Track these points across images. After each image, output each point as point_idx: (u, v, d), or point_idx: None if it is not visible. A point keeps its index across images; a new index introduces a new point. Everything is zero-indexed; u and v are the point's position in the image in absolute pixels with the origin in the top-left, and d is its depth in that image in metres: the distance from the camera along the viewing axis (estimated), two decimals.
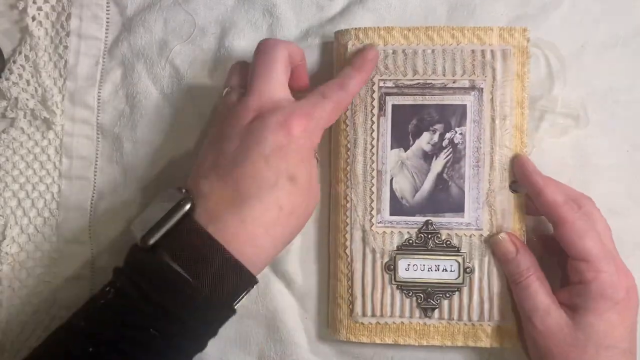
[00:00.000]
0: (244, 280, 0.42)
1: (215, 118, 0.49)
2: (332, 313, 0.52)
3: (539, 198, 0.47)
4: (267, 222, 0.42)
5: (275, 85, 0.45)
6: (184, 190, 0.44)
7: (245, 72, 0.48)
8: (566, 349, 0.44)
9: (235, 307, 0.43)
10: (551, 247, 0.48)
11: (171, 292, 0.40)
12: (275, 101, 0.45)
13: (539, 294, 0.46)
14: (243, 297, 0.43)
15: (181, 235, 0.41)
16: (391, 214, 0.50)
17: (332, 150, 0.53)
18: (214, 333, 0.44)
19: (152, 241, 0.41)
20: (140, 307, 0.40)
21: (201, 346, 0.43)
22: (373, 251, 0.50)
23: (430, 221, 0.49)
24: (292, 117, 0.43)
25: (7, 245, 0.54)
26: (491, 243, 0.49)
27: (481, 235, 0.49)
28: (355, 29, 0.51)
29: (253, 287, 0.43)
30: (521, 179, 0.48)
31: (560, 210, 0.45)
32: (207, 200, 0.42)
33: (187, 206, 0.42)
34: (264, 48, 0.47)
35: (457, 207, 0.49)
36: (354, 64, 0.48)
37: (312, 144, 0.45)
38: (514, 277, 0.47)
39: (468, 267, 0.49)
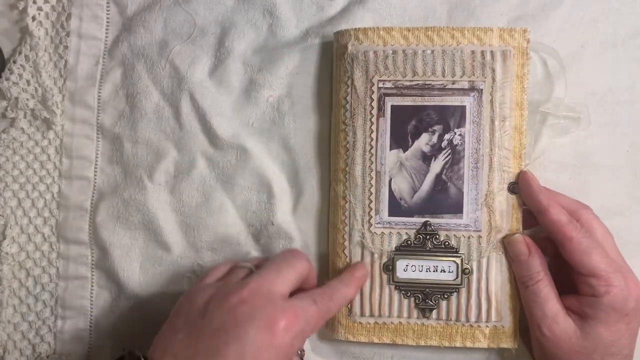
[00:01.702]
0: None
1: (208, 276, 0.48)
2: None
3: (543, 217, 0.47)
4: None
5: (282, 280, 0.44)
6: None
7: (262, 260, 0.49)
8: (572, 355, 0.45)
9: None
10: (546, 247, 0.48)
11: None
12: (271, 291, 0.43)
13: (548, 301, 0.46)
14: None
15: None
16: (390, 215, 0.50)
17: (331, 150, 0.53)
18: None
19: None
20: None
21: None
22: (371, 252, 0.50)
23: (428, 222, 0.49)
24: (280, 315, 0.41)
25: (7, 245, 0.54)
26: (505, 243, 0.49)
27: (479, 236, 0.49)
28: (355, 29, 0.51)
29: None
30: (526, 197, 0.48)
31: (565, 229, 0.46)
32: None
33: None
34: (293, 253, 0.48)
35: (456, 208, 0.49)
36: (343, 279, 0.48)
37: (293, 349, 0.42)
38: (523, 279, 0.47)
39: (466, 268, 0.49)
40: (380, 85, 0.50)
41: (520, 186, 0.48)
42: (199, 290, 0.45)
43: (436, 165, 0.49)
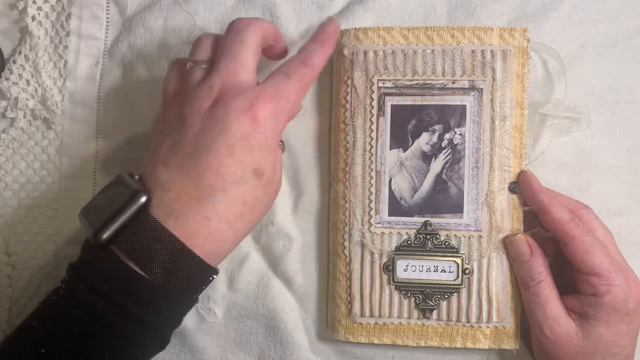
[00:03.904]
0: (206, 274, 0.41)
1: (167, 93, 0.47)
2: (331, 313, 0.52)
3: (545, 216, 0.47)
4: (230, 217, 0.41)
5: (242, 66, 0.43)
6: (136, 177, 0.42)
7: (213, 48, 0.46)
8: (573, 356, 0.45)
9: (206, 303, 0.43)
10: (547, 248, 0.48)
11: (124, 288, 0.39)
12: (238, 82, 0.42)
13: (549, 303, 0.46)
14: (204, 288, 0.42)
15: (136, 231, 0.39)
16: (390, 215, 0.50)
17: (331, 150, 0.53)
18: (175, 324, 0.42)
19: (105, 236, 0.39)
20: (90, 304, 0.38)
21: (162, 338, 0.42)
22: (371, 251, 0.50)
23: (429, 222, 0.49)
24: (256, 102, 0.41)
25: (7, 246, 0.54)
26: (506, 243, 0.49)
27: (480, 236, 0.49)
28: (355, 29, 0.51)
29: (214, 277, 0.42)
30: (527, 196, 0.48)
31: (567, 228, 0.46)
32: (166, 191, 0.40)
33: (143, 199, 0.39)
34: (237, 27, 0.44)
35: (456, 208, 0.49)
36: (316, 38, 0.45)
37: (278, 130, 0.43)
38: (524, 280, 0.47)
39: (467, 269, 0.49)
40: (380, 84, 0.50)
41: (520, 186, 0.48)
42: (168, 105, 0.45)
43: (436, 165, 0.49)
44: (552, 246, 0.49)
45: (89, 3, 0.56)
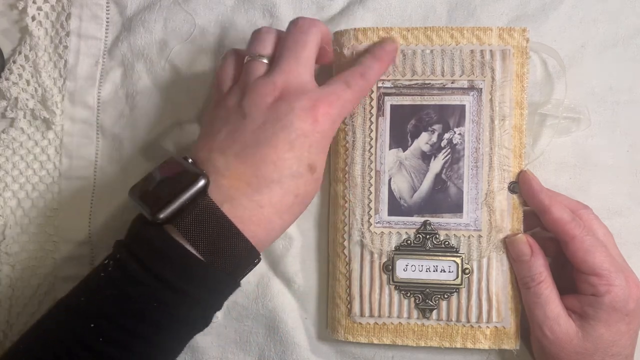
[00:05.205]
0: (252, 258, 0.42)
1: (221, 82, 0.48)
2: (330, 313, 0.52)
3: (546, 216, 0.47)
4: (282, 208, 0.42)
5: (304, 66, 0.45)
6: (190, 160, 0.43)
7: (274, 43, 0.47)
8: (573, 356, 0.45)
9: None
10: (547, 248, 0.48)
11: (177, 266, 0.39)
12: (301, 83, 0.44)
13: (550, 302, 0.46)
14: (247, 273, 0.44)
15: (194, 213, 0.40)
16: (389, 214, 0.49)
17: (331, 149, 0.53)
18: (219, 306, 0.43)
19: (162, 216, 0.40)
20: (142, 281, 0.39)
21: (206, 319, 0.43)
22: (371, 251, 0.50)
23: (428, 221, 0.49)
24: (318, 104, 0.43)
25: (7, 246, 0.54)
26: (507, 243, 0.48)
27: (480, 236, 0.49)
28: (355, 29, 0.50)
29: (256, 263, 0.44)
30: (527, 196, 0.48)
31: (568, 227, 0.45)
32: (222, 177, 0.41)
33: (202, 182, 0.40)
34: (301, 26, 0.46)
35: (456, 208, 0.49)
36: (374, 53, 0.48)
37: (333, 132, 0.44)
38: (524, 280, 0.47)
39: (467, 268, 0.49)
40: (380, 84, 0.50)
41: (520, 186, 0.48)
42: (222, 94, 0.46)
43: (436, 165, 0.49)
44: (552, 246, 0.48)
45: (89, 3, 0.56)
